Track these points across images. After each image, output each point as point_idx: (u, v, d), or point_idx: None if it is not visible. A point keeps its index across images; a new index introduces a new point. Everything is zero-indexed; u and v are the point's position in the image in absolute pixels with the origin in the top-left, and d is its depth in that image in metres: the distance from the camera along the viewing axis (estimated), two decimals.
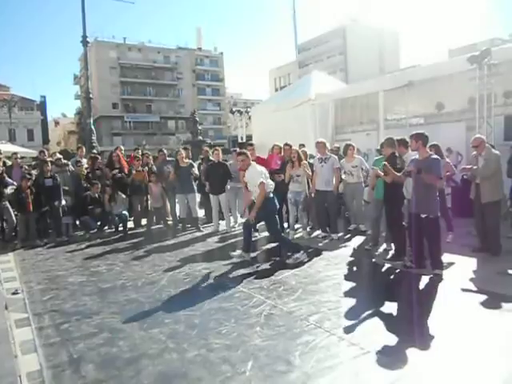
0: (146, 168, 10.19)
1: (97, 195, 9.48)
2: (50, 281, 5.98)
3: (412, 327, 3.91)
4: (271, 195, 6.51)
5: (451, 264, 5.76)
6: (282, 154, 8.61)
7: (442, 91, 10.56)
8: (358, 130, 12.81)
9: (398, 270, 5.80)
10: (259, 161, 8.44)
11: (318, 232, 8.32)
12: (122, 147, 11.71)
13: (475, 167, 6.23)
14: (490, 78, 8.59)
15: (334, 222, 7.99)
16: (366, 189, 8.20)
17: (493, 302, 4.46)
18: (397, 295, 4.94)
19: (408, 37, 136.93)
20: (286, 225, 8.71)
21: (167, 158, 10.53)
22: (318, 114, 12.97)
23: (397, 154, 6.25)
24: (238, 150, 10.50)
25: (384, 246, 6.91)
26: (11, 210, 8.68)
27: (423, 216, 5.34)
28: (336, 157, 8.06)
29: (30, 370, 3.41)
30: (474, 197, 6.42)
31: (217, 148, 9.84)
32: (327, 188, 7.78)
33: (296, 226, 8.37)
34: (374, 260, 6.42)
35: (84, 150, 11.56)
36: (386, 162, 5.97)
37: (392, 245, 6.60)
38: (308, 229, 8.35)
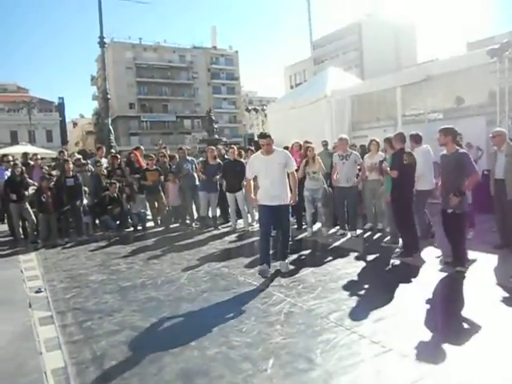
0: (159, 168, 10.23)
1: (115, 195, 9.59)
2: (72, 279, 6.08)
3: (433, 325, 3.88)
4: None
5: (473, 261, 5.66)
6: (302, 151, 8.57)
7: (461, 85, 10.41)
8: (374, 126, 12.69)
9: (416, 268, 5.74)
10: None
11: (336, 229, 8.28)
12: (142, 147, 11.79)
13: None
14: (510, 72, 8.42)
15: (353, 219, 7.93)
16: None
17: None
18: (417, 293, 4.87)
19: (425, 31, 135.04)
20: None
21: (187, 157, 10.50)
22: (335, 110, 12.89)
23: (407, 149, 6.25)
24: (253, 148, 10.55)
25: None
26: (30, 209, 8.84)
27: (449, 211, 5.26)
28: (357, 153, 8.00)
29: (54, 367, 3.48)
30: (495, 193, 6.31)
31: (232, 146, 9.87)
32: (348, 185, 7.73)
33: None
34: (392, 257, 6.36)
35: (104, 150, 11.66)
36: (383, 160, 6.21)
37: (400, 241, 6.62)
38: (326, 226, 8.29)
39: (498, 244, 6.23)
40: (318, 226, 8.42)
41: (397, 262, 6.12)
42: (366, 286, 5.11)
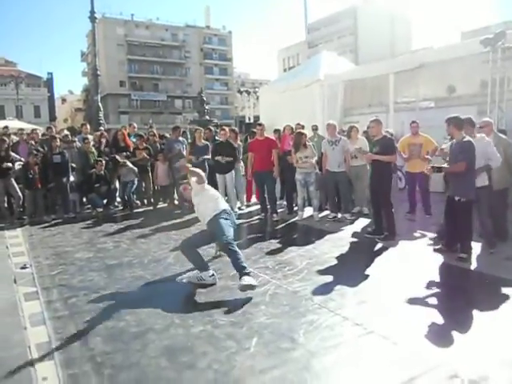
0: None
1: (103, 173, 9.50)
2: (58, 256, 6.06)
3: (416, 308, 3.95)
4: None
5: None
6: (292, 136, 8.56)
7: (453, 74, 10.42)
8: (366, 112, 12.65)
9: (401, 252, 5.82)
10: (268, 141, 8.40)
11: (326, 212, 8.33)
12: (136, 125, 11.66)
13: None
14: (503, 62, 8.44)
15: (345, 202, 8.02)
16: None
17: (498, 286, 4.46)
18: (400, 277, 4.94)
19: (420, 19, 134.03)
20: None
21: (180, 138, 10.41)
22: (327, 95, 12.84)
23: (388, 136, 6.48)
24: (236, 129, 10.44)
25: None
26: (16, 185, 8.71)
27: (457, 199, 5.31)
28: (346, 139, 8.02)
29: (38, 342, 3.49)
30: None
31: (224, 127, 9.76)
32: (339, 169, 7.79)
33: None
34: (377, 241, 6.43)
35: (88, 127, 11.50)
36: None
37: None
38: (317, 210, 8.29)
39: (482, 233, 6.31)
40: (308, 209, 8.45)
41: (383, 246, 6.18)
42: (351, 270, 5.16)
